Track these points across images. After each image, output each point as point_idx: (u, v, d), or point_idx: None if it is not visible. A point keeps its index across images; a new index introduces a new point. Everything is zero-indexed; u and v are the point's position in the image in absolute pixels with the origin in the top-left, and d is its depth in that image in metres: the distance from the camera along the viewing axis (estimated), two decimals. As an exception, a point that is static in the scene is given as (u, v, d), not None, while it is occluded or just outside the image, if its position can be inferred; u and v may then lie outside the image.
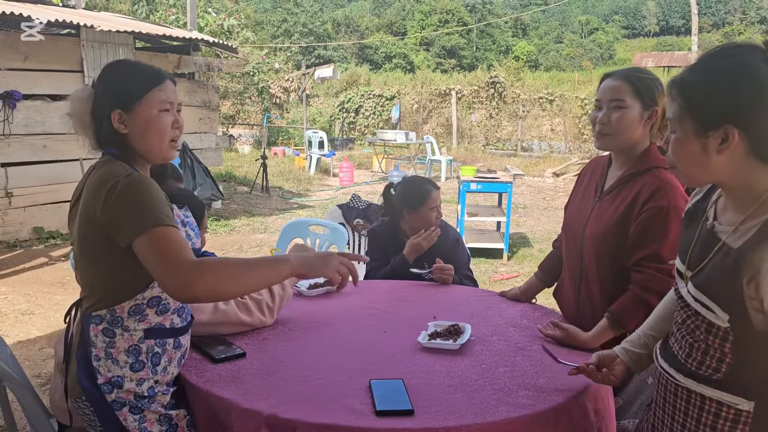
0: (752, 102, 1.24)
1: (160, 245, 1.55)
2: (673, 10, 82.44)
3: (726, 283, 1.29)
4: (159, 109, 1.71)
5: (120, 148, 1.72)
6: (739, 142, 1.25)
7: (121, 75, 1.74)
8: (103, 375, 1.69)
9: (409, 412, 1.59)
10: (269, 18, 50.19)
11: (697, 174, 1.34)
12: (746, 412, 1.29)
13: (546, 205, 10.72)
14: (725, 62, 1.28)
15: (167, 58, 8.54)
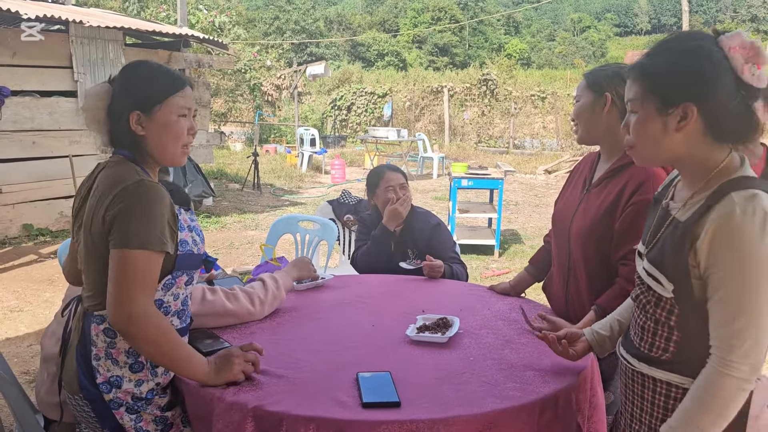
0: (709, 81, 1.33)
1: (131, 270, 1.56)
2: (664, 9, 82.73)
3: (674, 255, 1.38)
4: (177, 114, 1.72)
5: (133, 149, 1.72)
6: (697, 119, 1.35)
7: (143, 77, 1.73)
8: (102, 374, 1.68)
9: (396, 404, 1.59)
10: (261, 15, 50.01)
11: (656, 152, 1.43)
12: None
13: (538, 201, 10.74)
14: (684, 45, 1.38)
15: (157, 54, 8.50)
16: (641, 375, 1.47)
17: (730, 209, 1.29)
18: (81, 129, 7.62)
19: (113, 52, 7.78)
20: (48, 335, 2.23)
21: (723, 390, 1.30)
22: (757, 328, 1.28)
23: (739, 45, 1.33)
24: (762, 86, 1.33)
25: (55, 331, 2.22)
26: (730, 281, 1.29)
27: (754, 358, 1.28)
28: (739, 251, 1.28)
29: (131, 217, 1.57)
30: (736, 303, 1.29)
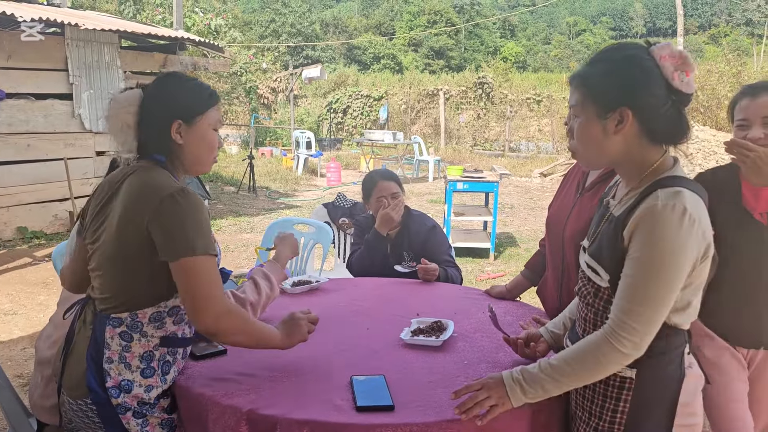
0: (641, 86, 1.45)
1: (200, 276, 1.61)
2: (660, 12, 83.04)
3: (609, 246, 1.49)
4: (213, 127, 1.80)
5: (168, 159, 1.76)
6: (632, 122, 1.46)
7: (185, 88, 1.78)
8: (113, 378, 1.68)
9: (390, 407, 1.59)
10: (257, 18, 50.07)
11: (598, 154, 1.53)
12: (630, 379, 1.48)
13: (533, 205, 10.76)
14: (619, 54, 1.50)
15: (153, 57, 8.50)
16: None
17: (653, 203, 1.40)
18: (76, 132, 7.62)
19: (109, 55, 7.77)
20: (42, 338, 2.22)
21: (603, 356, 1.43)
22: (651, 313, 1.39)
23: (668, 54, 1.45)
24: (691, 91, 1.45)
25: (51, 335, 2.21)
26: (640, 266, 1.40)
27: (640, 338, 1.40)
28: (653, 241, 1.38)
29: (187, 226, 1.61)
30: (641, 287, 1.39)
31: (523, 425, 1.61)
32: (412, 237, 3.18)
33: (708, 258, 1.44)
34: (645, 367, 1.46)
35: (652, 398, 1.48)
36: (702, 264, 1.44)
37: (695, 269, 1.43)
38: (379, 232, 3.18)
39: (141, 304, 1.68)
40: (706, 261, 1.45)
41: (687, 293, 1.45)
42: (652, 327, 1.40)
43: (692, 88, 1.45)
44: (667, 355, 1.47)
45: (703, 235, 1.41)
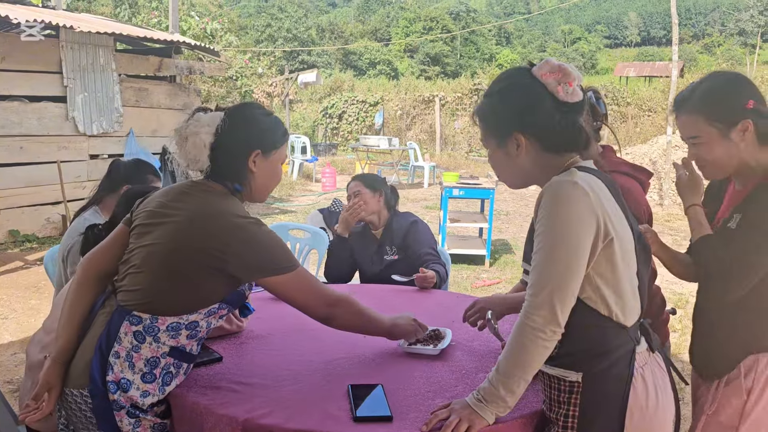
0: (525, 109, 1.52)
1: (304, 283, 1.79)
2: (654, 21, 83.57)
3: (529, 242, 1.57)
4: (282, 161, 1.90)
5: (243, 187, 1.81)
6: (529, 142, 1.54)
7: (267, 121, 1.86)
8: (115, 373, 1.67)
9: (388, 418, 1.56)
10: (253, 23, 50.13)
11: (512, 177, 1.63)
12: (577, 383, 1.50)
13: (528, 212, 10.76)
14: (501, 84, 1.59)
15: (148, 60, 8.47)
16: (541, 372, 1.56)
17: (550, 183, 1.48)
18: (69, 135, 7.58)
19: (103, 58, 7.74)
20: (34, 343, 2.18)
21: (523, 338, 1.45)
22: (556, 283, 1.41)
23: (548, 71, 1.51)
24: (578, 100, 1.51)
25: (41, 339, 2.18)
26: (539, 240, 1.45)
27: (546, 311, 1.41)
28: (547, 214, 1.44)
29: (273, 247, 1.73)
30: (542, 260, 1.44)
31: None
32: (395, 231, 3.31)
33: (612, 238, 1.44)
34: (589, 369, 1.48)
35: (600, 401, 1.49)
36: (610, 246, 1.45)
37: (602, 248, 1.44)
38: (338, 234, 3.33)
39: (166, 311, 1.69)
40: (612, 243, 1.45)
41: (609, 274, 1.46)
42: (558, 298, 1.42)
43: (578, 96, 1.51)
44: (611, 355, 1.48)
45: (602, 209, 1.44)
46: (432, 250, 3.18)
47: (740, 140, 1.78)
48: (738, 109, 1.77)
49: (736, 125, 1.77)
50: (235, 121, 1.78)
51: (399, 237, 3.27)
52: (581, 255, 1.42)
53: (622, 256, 1.48)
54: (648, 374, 1.54)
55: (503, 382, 1.47)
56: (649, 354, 1.57)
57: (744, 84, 1.82)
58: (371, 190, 3.33)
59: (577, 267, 1.42)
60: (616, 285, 1.48)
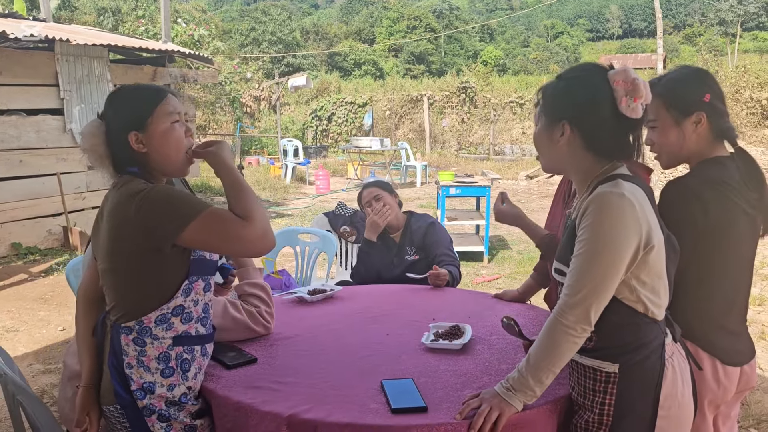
0: (583, 105, 1.59)
1: (217, 224, 1.66)
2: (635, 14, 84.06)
3: (569, 245, 1.61)
4: (170, 121, 1.79)
5: (140, 168, 1.79)
6: (573, 135, 1.61)
7: (127, 98, 1.81)
8: (136, 381, 1.76)
9: (423, 409, 1.67)
10: (237, 27, 49.99)
11: (548, 159, 1.72)
12: (614, 373, 1.59)
13: (523, 207, 10.84)
14: (576, 73, 1.66)
15: (143, 70, 8.52)
16: (573, 362, 1.67)
17: (597, 192, 1.55)
18: (68, 147, 7.62)
19: (99, 69, 7.78)
20: (70, 354, 2.27)
21: (553, 331, 1.56)
22: (592, 287, 1.51)
23: (622, 79, 1.55)
24: (636, 116, 1.55)
25: (77, 350, 2.26)
26: (582, 245, 1.53)
27: (580, 311, 1.52)
28: (594, 222, 1.52)
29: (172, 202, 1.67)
30: (583, 264, 1.53)
31: (554, 418, 1.72)
32: (414, 232, 3.40)
33: (653, 246, 1.53)
34: (626, 361, 1.58)
35: (635, 390, 1.58)
36: (650, 253, 1.53)
37: (642, 255, 1.53)
38: (367, 239, 3.40)
39: (143, 310, 1.74)
40: (653, 251, 1.54)
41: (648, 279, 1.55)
42: (594, 301, 1.51)
43: (638, 113, 1.55)
44: (646, 348, 1.58)
45: (645, 220, 1.52)
46: (449, 251, 3.27)
47: (692, 131, 1.89)
48: (695, 100, 1.88)
49: (690, 115, 1.88)
50: (108, 119, 1.79)
51: (419, 238, 3.35)
52: (620, 265, 1.51)
53: (658, 260, 1.57)
54: (676, 364, 1.63)
55: (533, 373, 1.58)
56: (674, 344, 1.66)
57: (706, 79, 1.93)
58: (390, 193, 3.44)
59: (614, 275, 1.51)
60: (652, 286, 1.58)
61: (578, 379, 1.68)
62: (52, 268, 6.72)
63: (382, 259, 3.38)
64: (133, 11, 20.51)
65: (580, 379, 1.67)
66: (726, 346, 1.88)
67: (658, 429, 1.59)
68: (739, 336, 1.94)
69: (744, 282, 1.94)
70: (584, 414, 1.66)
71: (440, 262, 3.11)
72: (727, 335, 1.90)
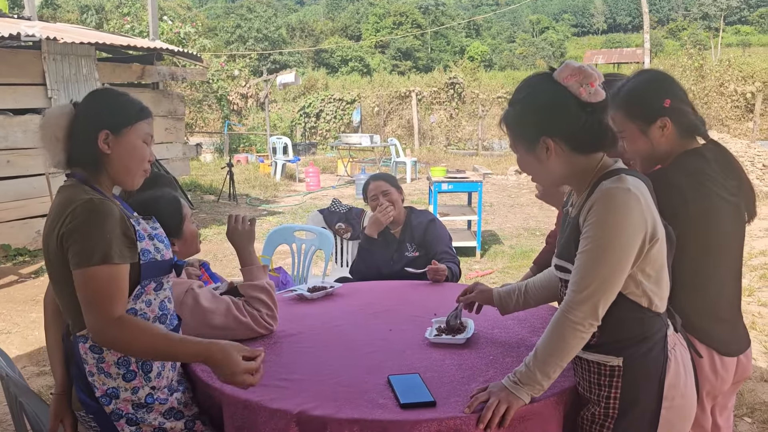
0: (551, 115, 1.59)
1: (97, 286, 1.61)
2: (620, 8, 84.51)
3: (571, 242, 1.62)
4: (143, 140, 1.82)
5: (92, 169, 1.77)
6: (557, 146, 1.61)
7: (115, 100, 1.82)
8: (99, 388, 1.76)
9: (432, 403, 1.68)
10: (222, 24, 49.74)
11: (545, 179, 1.72)
12: (618, 367, 1.61)
13: (512, 202, 10.94)
14: (526, 91, 1.65)
15: (131, 68, 8.46)
16: (577, 358, 1.68)
17: (601, 188, 1.54)
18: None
19: (86, 68, 7.72)
20: None
21: (561, 326, 1.57)
22: (600, 283, 1.52)
23: (569, 73, 1.56)
24: (601, 98, 1.56)
25: None
26: (589, 241, 1.53)
27: (587, 306, 1.53)
28: (600, 218, 1.52)
29: (85, 235, 1.62)
30: (590, 260, 1.53)
31: (560, 409, 1.73)
32: (414, 228, 3.40)
33: (657, 239, 1.55)
34: (630, 354, 1.59)
35: (640, 383, 1.59)
36: (654, 246, 1.55)
37: (647, 248, 1.54)
38: (367, 235, 3.39)
39: None
40: (657, 243, 1.55)
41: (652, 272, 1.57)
42: (601, 297, 1.52)
43: (601, 95, 1.56)
44: (650, 341, 1.59)
45: (650, 213, 1.54)
46: (449, 249, 3.28)
47: (660, 136, 1.91)
48: (655, 108, 1.90)
49: (654, 122, 1.90)
50: (81, 109, 1.77)
51: (419, 234, 3.35)
52: (628, 260, 1.52)
53: (661, 252, 1.58)
54: (678, 355, 1.65)
55: (540, 367, 1.60)
56: (675, 334, 1.68)
57: (663, 84, 1.95)
58: (397, 189, 3.43)
59: (622, 271, 1.52)
60: (656, 278, 1.59)
61: (583, 374, 1.69)
62: (43, 269, 6.67)
63: (382, 255, 3.38)
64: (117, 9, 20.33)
65: (584, 374, 1.68)
66: (722, 337, 1.90)
67: (663, 420, 1.61)
68: (735, 325, 1.96)
69: (734, 270, 1.96)
70: (591, 407, 1.68)
71: (440, 259, 3.12)
72: (723, 325, 1.93)
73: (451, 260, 3.18)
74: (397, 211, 3.37)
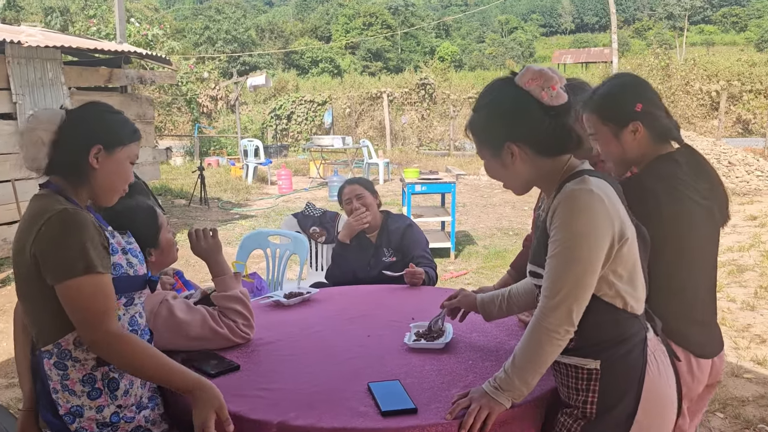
0: (514, 120, 1.60)
1: (85, 297, 1.60)
2: (586, 8, 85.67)
3: (542, 247, 1.61)
4: (130, 161, 1.84)
5: (74, 180, 1.75)
6: (521, 150, 1.61)
7: (111, 117, 1.82)
8: (63, 406, 1.71)
9: (413, 410, 1.67)
10: (190, 26, 49.23)
11: (513, 183, 1.70)
12: (595, 370, 1.59)
13: (485, 202, 11.01)
14: (488, 97, 1.65)
15: (98, 71, 8.31)
16: (556, 362, 1.66)
17: (565, 191, 1.54)
18: (22, 152, 7.37)
19: (52, 72, 7.57)
20: None
21: (538, 335, 1.56)
22: (572, 287, 1.51)
23: (530, 77, 1.56)
24: (563, 101, 1.56)
25: None
26: (557, 245, 1.53)
27: (561, 312, 1.52)
28: (566, 221, 1.51)
29: (62, 246, 1.60)
30: (560, 264, 1.52)
31: (540, 412, 1.74)
32: (391, 234, 3.38)
33: (627, 238, 1.54)
34: (608, 357, 1.57)
35: (618, 386, 1.58)
36: (624, 246, 1.54)
37: (617, 249, 1.53)
38: (340, 241, 3.39)
39: (60, 333, 1.68)
40: (626, 243, 1.54)
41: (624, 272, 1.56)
42: (574, 301, 1.51)
43: (563, 98, 1.57)
44: (628, 343, 1.58)
45: (616, 213, 1.53)
46: (426, 253, 3.28)
47: (632, 140, 1.93)
48: (627, 112, 1.92)
49: (626, 126, 1.92)
50: (76, 118, 1.75)
51: (396, 239, 3.33)
52: (596, 261, 1.50)
53: (632, 252, 1.57)
54: (659, 360, 1.63)
55: (518, 374, 1.59)
56: (656, 338, 1.67)
57: (636, 88, 1.97)
58: (372, 193, 3.42)
59: (592, 272, 1.51)
60: (629, 278, 1.58)
61: (561, 378, 1.68)
62: (9, 278, 6.51)
63: (358, 260, 3.36)
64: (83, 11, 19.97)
65: (563, 379, 1.67)
66: (698, 339, 1.93)
67: (637, 424, 1.59)
68: (710, 327, 1.99)
69: (708, 272, 1.99)
70: (569, 410, 1.67)
71: (418, 263, 3.11)
72: (699, 328, 1.95)
73: (429, 264, 3.18)
74: (372, 216, 3.36)
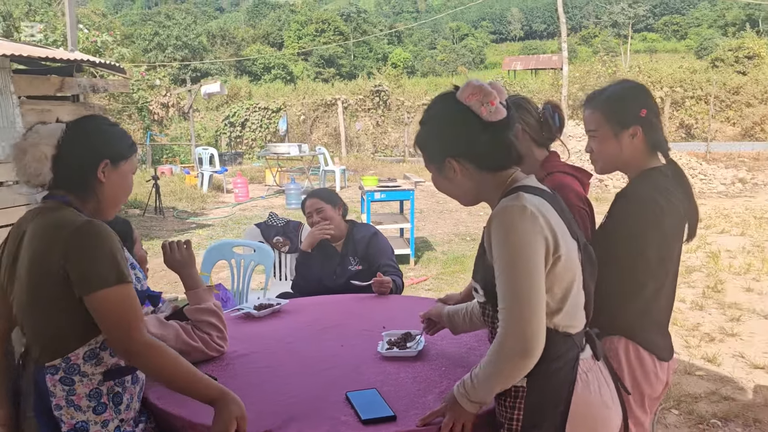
0: (452, 136, 1.61)
1: (119, 306, 1.61)
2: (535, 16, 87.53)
3: (480, 264, 1.63)
4: (132, 172, 1.87)
5: (81, 194, 1.76)
6: (462, 166, 1.62)
7: (115, 132, 1.85)
8: (67, 423, 1.69)
9: (392, 417, 1.72)
10: (139, 31, 48.31)
11: (460, 196, 1.72)
12: (522, 387, 1.58)
13: (441, 208, 11.15)
14: (431, 112, 1.67)
15: (49, 80, 8.10)
16: None
17: (498, 207, 1.54)
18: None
19: (1, 81, 7.35)
20: None
21: (498, 357, 1.52)
22: (523, 306, 1.47)
23: (470, 93, 1.56)
24: (501, 117, 1.56)
25: None
26: (498, 266, 1.51)
27: (519, 335, 1.47)
28: (501, 239, 1.50)
29: (96, 257, 1.61)
30: (506, 284, 1.50)
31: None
32: (357, 242, 3.42)
33: (560, 256, 1.51)
34: (534, 374, 1.54)
35: (543, 404, 1.56)
36: (558, 263, 1.51)
37: (550, 266, 1.51)
38: (302, 251, 3.44)
39: (70, 347, 1.68)
40: (560, 260, 1.51)
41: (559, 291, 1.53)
42: (528, 321, 1.46)
43: (502, 113, 1.56)
44: (557, 362, 1.55)
45: (549, 228, 1.50)
46: (391, 262, 3.33)
47: (629, 143, 2.03)
48: (632, 114, 2.01)
49: (627, 128, 2.01)
50: (79, 132, 1.77)
51: (362, 248, 3.37)
52: (538, 274, 1.48)
53: (568, 270, 1.54)
54: (592, 379, 1.60)
55: (483, 385, 1.57)
56: (594, 361, 1.64)
57: (643, 95, 2.07)
58: (332, 204, 3.45)
59: (537, 288, 1.48)
60: (563, 298, 1.54)
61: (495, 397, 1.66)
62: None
63: (324, 269, 3.39)
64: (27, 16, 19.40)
65: (495, 397, 1.65)
66: (662, 344, 2.02)
67: None
68: (667, 332, 2.11)
69: (674, 279, 2.11)
70: (499, 429, 1.66)
71: (384, 272, 3.16)
72: (663, 332, 2.05)
73: (395, 273, 3.24)
74: (335, 227, 3.40)
